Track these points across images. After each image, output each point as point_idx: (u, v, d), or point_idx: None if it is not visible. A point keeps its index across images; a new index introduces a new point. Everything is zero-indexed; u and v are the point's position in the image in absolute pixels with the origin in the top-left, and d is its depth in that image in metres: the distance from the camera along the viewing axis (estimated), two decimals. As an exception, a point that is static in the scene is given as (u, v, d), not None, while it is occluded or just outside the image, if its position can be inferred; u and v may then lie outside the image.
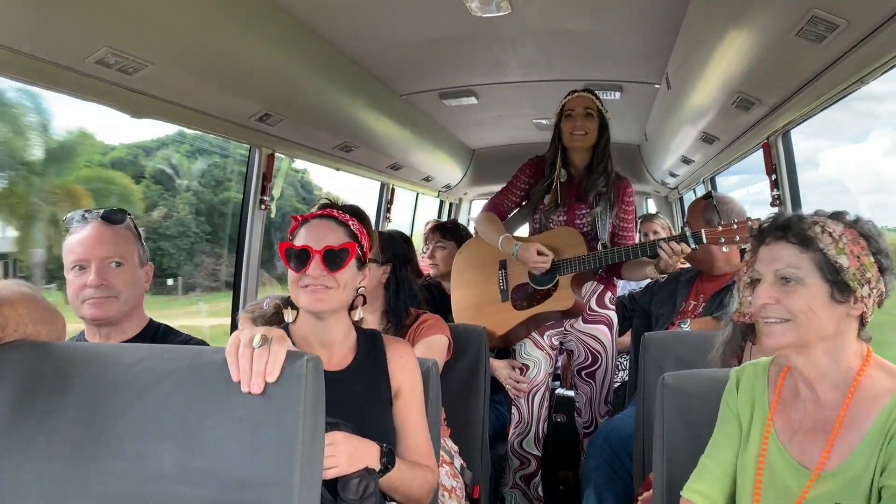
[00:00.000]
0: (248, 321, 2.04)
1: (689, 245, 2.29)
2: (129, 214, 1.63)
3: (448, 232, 3.07)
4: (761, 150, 2.55)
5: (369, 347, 1.56)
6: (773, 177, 2.46)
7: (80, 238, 1.56)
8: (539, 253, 2.41)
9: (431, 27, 2.37)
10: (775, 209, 2.49)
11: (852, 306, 1.13)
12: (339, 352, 1.52)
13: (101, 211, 1.59)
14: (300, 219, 1.51)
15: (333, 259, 1.43)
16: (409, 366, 1.57)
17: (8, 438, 1.03)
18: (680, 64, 2.54)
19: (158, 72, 1.82)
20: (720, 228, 2.23)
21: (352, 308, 1.56)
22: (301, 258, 1.43)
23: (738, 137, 2.76)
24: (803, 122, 2.26)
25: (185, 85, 1.99)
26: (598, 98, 2.55)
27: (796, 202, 2.45)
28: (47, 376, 1.06)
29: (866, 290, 1.13)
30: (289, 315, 1.53)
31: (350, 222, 1.50)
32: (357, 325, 1.60)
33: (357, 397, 1.49)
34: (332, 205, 1.55)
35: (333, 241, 1.45)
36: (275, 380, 0.97)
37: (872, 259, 1.14)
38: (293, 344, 1.42)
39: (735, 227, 2.19)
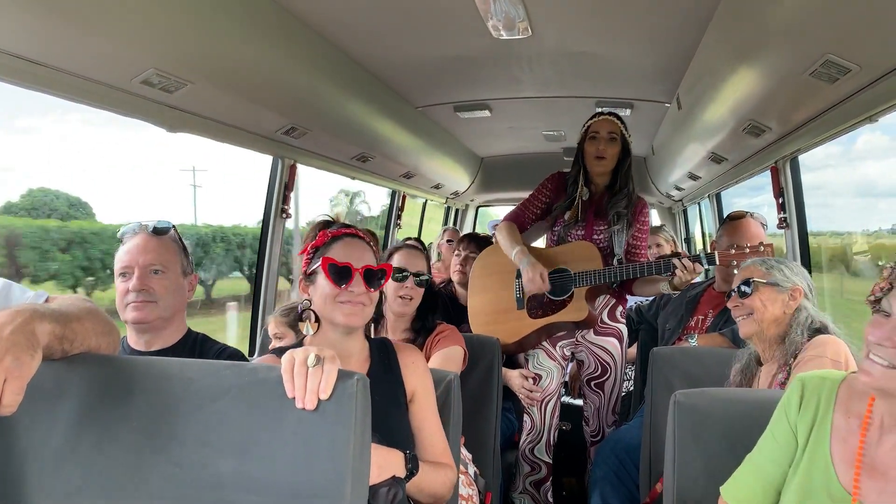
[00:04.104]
0: (282, 324, 2.14)
1: (702, 265, 2.36)
2: (174, 227, 1.71)
3: (480, 242, 3.04)
4: (769, 171, 2.61)
5: (382, 356, 1.60)
6: (781, 199, 2.51)
7: (127, 247, 1.65)
8: (542, 277, 2.48)
9: (452, 46, 2.42)
10: (782, 231, 2.56)
11: None
12: (355, 363, 1.55)
13: (152, 223, 1.67)
14: (329, 235, 1.52)
15: (372, 278, 1.48)
16: (420, 370, 1.60)
17: (74, 444, 1.09)
18: (692, 87, 2.59)
19: (196, 90, 1.89)
20: (733, 251, 2.29)
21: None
22: (343, 274, 1.46)
23: (746, 159, 2.81)
24: (812, 148, 2.32)
25: (219, 101, 2.06)
26: (622, 122, 2.60)
27: (802, 224, 2.49)
28: (112, 387, 1.11)
29: None
30: (308, 328, 1.52)
31: (372, 243, 1.55)
32: (367, 335, 1.63)
33: (376, 405, 1.49)
34: (352, 226, 1.57)
35: (369, 261, 1.50)
36: (328, 397, 1.03)
37: None
38: None
39: (748, 251, 2.25)
